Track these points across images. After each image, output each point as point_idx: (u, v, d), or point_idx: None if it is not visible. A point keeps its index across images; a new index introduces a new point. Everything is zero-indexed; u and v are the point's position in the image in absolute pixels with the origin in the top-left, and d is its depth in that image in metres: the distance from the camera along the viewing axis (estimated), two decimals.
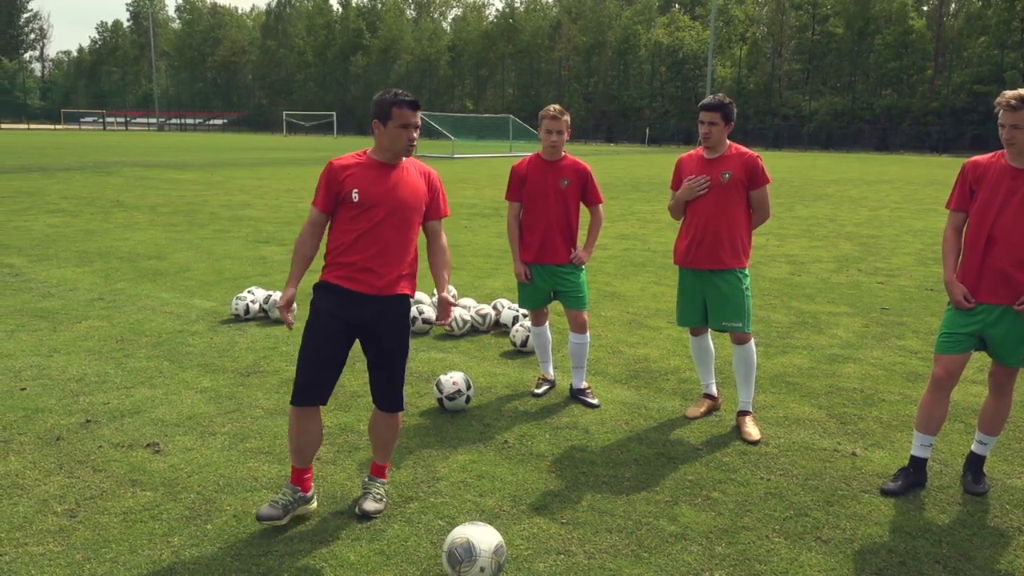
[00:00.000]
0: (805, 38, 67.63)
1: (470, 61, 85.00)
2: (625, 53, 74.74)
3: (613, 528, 3.60)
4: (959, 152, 51.84)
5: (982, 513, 3.82)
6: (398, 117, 3.47)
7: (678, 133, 67.80)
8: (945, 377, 3.91)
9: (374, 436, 3.79)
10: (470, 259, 10.50)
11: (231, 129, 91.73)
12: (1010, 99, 3.64)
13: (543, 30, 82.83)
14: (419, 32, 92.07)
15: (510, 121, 47.00)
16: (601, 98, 75.31)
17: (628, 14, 77.23)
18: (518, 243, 5.18)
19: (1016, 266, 3.74)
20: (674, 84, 72.48)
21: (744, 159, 4.66)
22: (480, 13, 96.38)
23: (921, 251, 11.69)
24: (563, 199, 5.04)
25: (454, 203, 17.38)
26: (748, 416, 4.82)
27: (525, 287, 5.24)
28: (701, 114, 4.64)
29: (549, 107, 4.99)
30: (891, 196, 21.18)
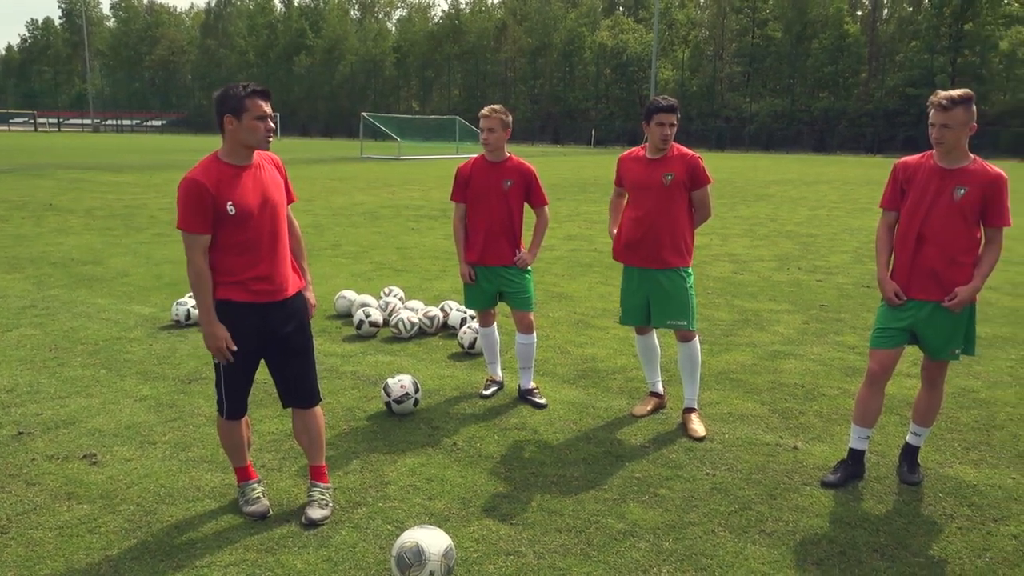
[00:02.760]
0: (745, 41, 69.01)
1: (415, 62, 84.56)
2: (570, 55, 75.24)
3: (562, 527, 3.62)
4: (892, 152, 53.50)
5: (917, 502, 3.95)
6: (253, 108, 3.32)
7: (623, 134, 68.49)
8: (880, 371, 4.04)
9: (303, 439, 3.77)
10: (417, 261, 10.45)
11: (170, 130, 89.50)
12: (942, 99, 3.77)
13: (489, 31, 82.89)
14: (363, 33, 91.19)
15: (456, 122, 46.91)
16: (547, 99, 75.70)
17: (573, 16, 77.77)
18: (463, 244, 5.18)
19: (945, 263, 3.88)
20: (619, 86, 73.23)
21: (686, 160, 4.72)
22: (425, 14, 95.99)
23: (858, 249, 12.04)
24: (506, 200, 5.05)
25: (401, 205, 17.28)
26: (694, 413, 4.90)
27: (470, 288, 5.24)
28: (661, 116, 4.61)
29: (485, 107, 5.01)
30: (829, 196, 21.76)
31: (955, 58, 56.63)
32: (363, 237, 12.46)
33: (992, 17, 56.73)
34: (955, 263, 3.87)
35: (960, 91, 3.78)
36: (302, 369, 3.65)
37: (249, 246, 3.41)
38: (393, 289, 7.64)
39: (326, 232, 12.92)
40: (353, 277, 9.23)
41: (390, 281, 8.91)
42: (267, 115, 3.38)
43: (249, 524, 3.58)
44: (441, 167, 31.39)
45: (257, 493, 3.72)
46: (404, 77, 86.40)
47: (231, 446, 3.72)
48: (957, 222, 3.84)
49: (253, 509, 3.66)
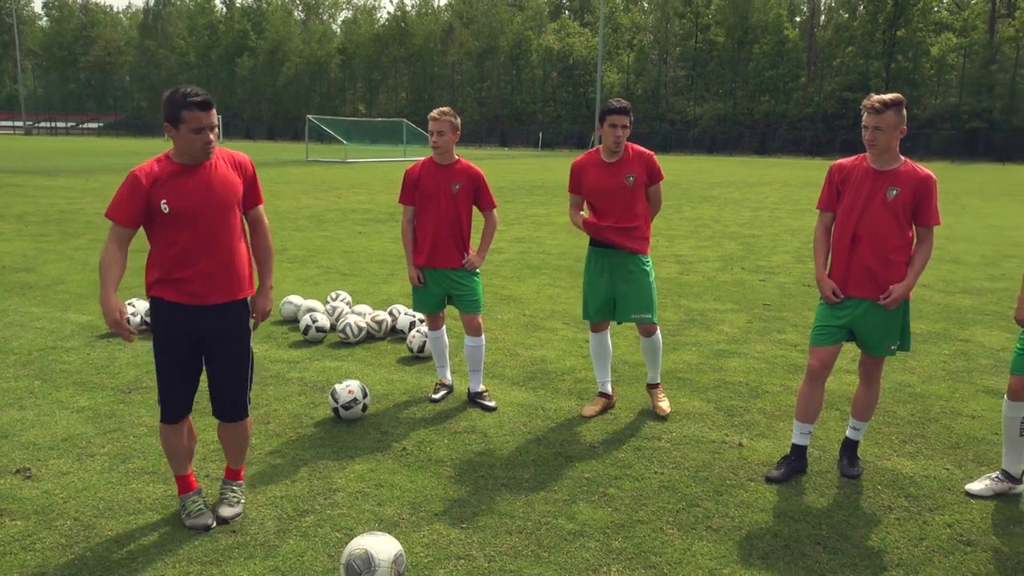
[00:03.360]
0: (689, 46, 70.17)
1: (361, 64, 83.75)
2: (517, 58, 75.46)
3: (513, 529, 3.63)
4: (831, 155, 54.96)
5: (857, 494, 4.07)
6: (189, 120, 3.24)
7: (571, 137, 68.97)
8: (819, 368, 4.14)
9: (224, 444, 3.77)
10: (365, 265, 10.35)
11: (108, 133, 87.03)
12: (875, 102, 3.89)
13: (435, 34, 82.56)
14: (308, 34, 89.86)
15: (403, 125, 46.64)
16: (494, 103, 75.79)
17: (519, 20, 78.00)
18: (411, 247, 5.17)
19: (879, 262, 4.01)
20: (565, 89, 73.74)
21: (643, 158, 4.91)
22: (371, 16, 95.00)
23: (798, 249, 12.35)
24: (454, 203, 5.04)
25: (347, 209, 17.10)
26: (658, 388, 5.25)
27: (419, 291, 5.22)
28: (613, 117, 4.71)
29: (434, 110, 5.02)
30: (770, 197, 22.26)
31: (889, 63, 58.49)
32: (309, 241, 12.30)
33: (923, 24, 58.80)
34: (889, 262, 4.00)
35: (891, 95, 3.91)
36: (228, 381, 3.58)
37: (183, 246, 3.37)
38: (340, 294, 7.55)
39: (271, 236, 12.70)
40: (299, 282, 9.10)
41: (337, 286, 8.82)
42: (205, 127, 3.28)
43: (193, 536, 3.50)
44: (388, 170, 31.17)
45: (199, 505, 3.64)
46: (350, 79, 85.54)
47: (170, 452, 3.65)
48: (890, 222, 3.97)
49: (195, 522, 3.57)
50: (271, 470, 4.18)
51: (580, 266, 10.48)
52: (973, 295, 9.14)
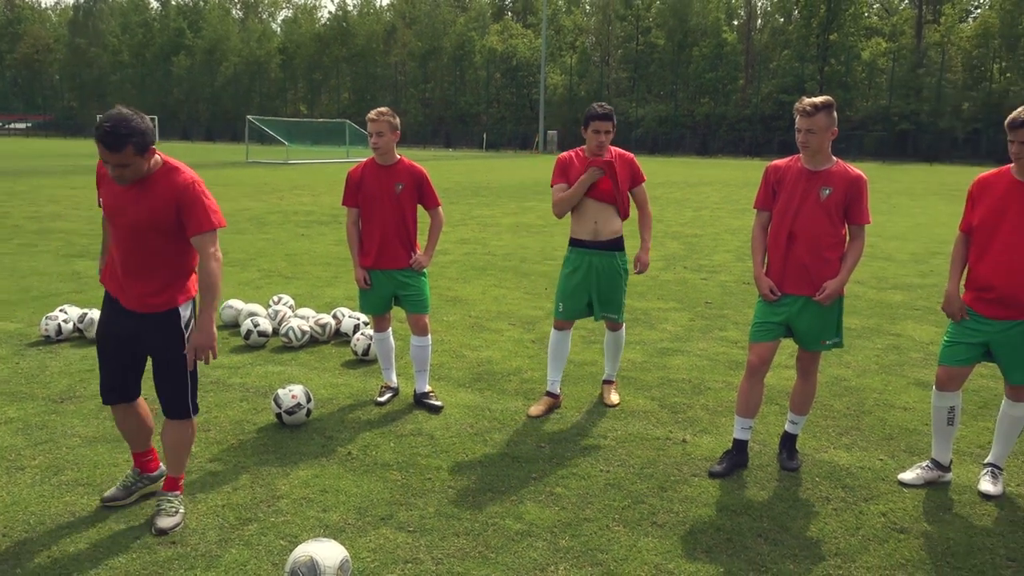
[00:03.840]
0: (630, 48, 71.04)
1: (302, 64, 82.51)
2: (461, 59, 75.37)
3: (460, 531, 3.62)
4: (769, 155, 56.30)
5: (796, 487, 4.17)
6: (100, 152, 3.19)
7: (515, 138, 69.18)
8: (758, 364, 4.24)
9: (164, 443, 3.73)
10: (308, 268, 10.21)
11: (37, 134, 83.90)
12: (806, 105, 4.01)
13: (378, 34, 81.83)
14: (247, 33, 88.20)
15: (346, 126, 46.12)
16: (438, 104, 75.57)
17: (462, 20, 77.91)
18: (357, 248, 5.14)
19: (814, 260, 4.12)
20: (509, 90, 73.94)
21: (625, 160, 5.06)
22: (311, 15, 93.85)
23: (739, 248, 12.61)
24: (399, 203, 5.03)
25: (289, 211, 16.84)
26: (612, 385, 5.46)
27: (365, 292, 5.19)
28: (597, 123, 4.86)
29: (372, 111, 5.01)
30: (711, 197, 22.69)
31: (823, 67, 60.21)
32: (250, 244, 12.07)
33: (854, 28, 60.70)
34: (823, 259, 4.12)
35: (822, 98, 4.03)
36: (164, 381, 3.62)
37: (114, 246, 3.53)
38: (283, 297, 7.43)
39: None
40: (240, 286, 8.93)
41: (279, 289, 8.68)
42: (109, 163, 3.23)
43: (130, 549, 3.40)
44: (331, 172, 30.80)
45: (131, 480, 3.82)
46: (291, 79, 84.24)
47: (121, 432, 3.81)
48: (823, 220, 4.09)
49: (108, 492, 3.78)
50: (212, 478, 4.09)
51: (526, 267, 10.54)
52: (903, 291, 9.46)
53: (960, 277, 4.14)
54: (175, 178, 3.39)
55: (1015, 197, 3.88)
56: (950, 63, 57.95)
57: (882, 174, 36.32)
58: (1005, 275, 3.88)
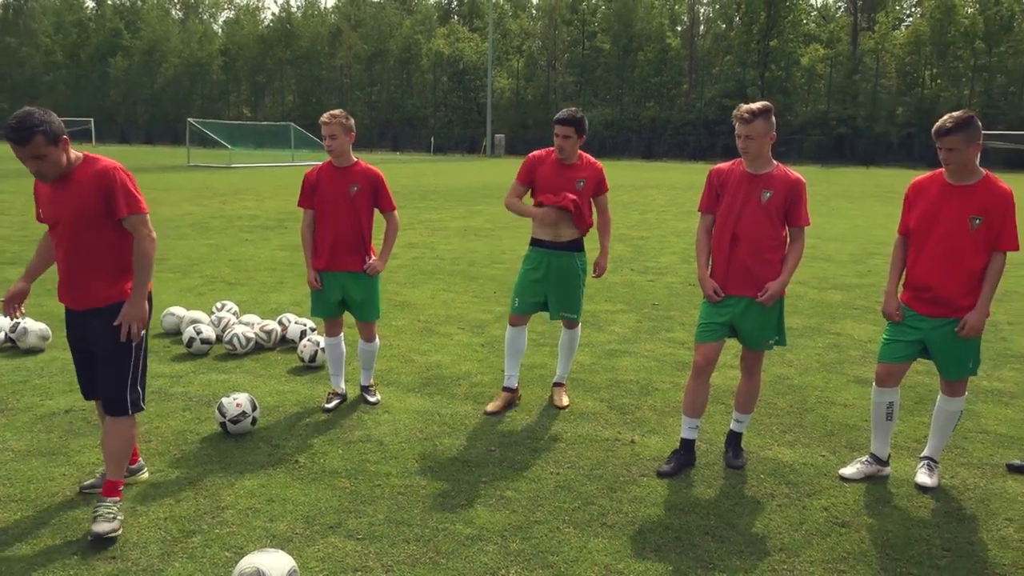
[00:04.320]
0: (576, 52, 71.59)
1: (245, 66, 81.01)
2: (407, 62, 74.97)
3: (410, 538, 3.59)
4: (712, 159, 57.30)
5: (742, 484, 4.25)
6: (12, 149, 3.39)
7: (463, 142, 69.10)
8: (704, 364, 4.31)
9: (104, 446, 3.69)
10: (252, 274, 10.03)
11: None
12: (744, 112, 4.10)
13: (323, 36, 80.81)
14: (187, 34, 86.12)
15: (291, 129, 45.49)
16: (385, 107, 75.03)
17: (408, 23, 77.50)
18: (311, 250, 5.13)
19: (756, 261, 4.21)
20: (456, 94, 73.84)
21: (594, 169, 5.20)
22: (254, 16, 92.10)
23: (684, 250, 12.81)
24: (353, 206, 5.03)
25: (233, 215, 16.52)
26: (562, 387, 5.47)
27: (317, 295, 5.18)
28: (557, 127, 5.02)
29: (325, 114, 5.03)
30: (657, 200, 23.00)
31: (764, 72, 61.59)
32: (192, 250, 11.80)
33: (794, 35, 62.27)
34: (765, 261, 4.21)
35: (759, 104, 4.13)
36: (112, 379, 3.63)
37: (57, 251, 3.61)
38: (226, 304, 7.28)
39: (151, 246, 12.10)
40: (182, 292, 8.72)
41: (223, 295, 8.50)
42: (23, 159, 3.38)
43: (69, 565, 3.29)
44: (276, 175, 30.33)
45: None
46: (233, 82, 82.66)
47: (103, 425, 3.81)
48: (765, 223, 4.19)
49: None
50: (153, 490, 3.98)
51: (475, 271, 10.53)
52: (843, 291, 9.73)
53: (899, 278, 4.28)
54: (96, 167, 3.54)
55: (947, 200, 4.02)
56: (884, 69, 59.84)
57: (821, 177, 37.29)
58: (939, 275, 4.02)
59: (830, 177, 38.30)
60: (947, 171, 4.04)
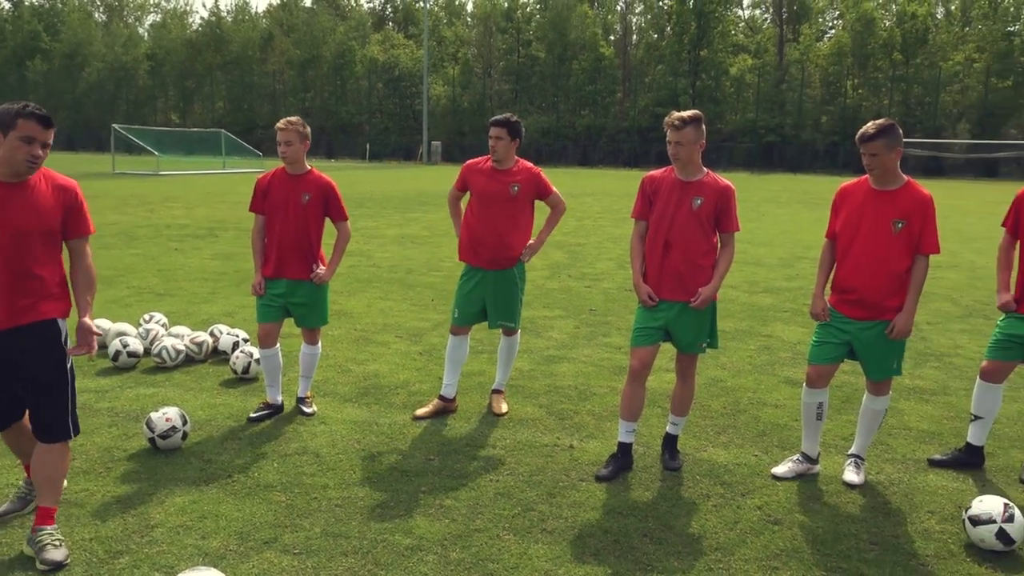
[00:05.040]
0: (512, 60, 71.94)
1: (173, 72, 78.87)
2: (341, 68, 74.08)
3: (348, 551, 3.54)
4: (647, 166, 58.22)
5: (678, 486, 4.32)
6: (22, 128, 3.20)
7: (399, 149, 68.64)
8: (640, 368, 4.37)
9: (36, 472, 3.48)
10: (182, 284, 9.75)
11: None
12: (674, 120, 4.19)
13: (254, 42, 79.25)
14: (111, 38, 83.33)
15: (222, 136, 44.47)
16: (319, 113, 73.86)
17: (342, 29, 76.63)
18: (260, 255, 5.10)
19: (689, 267, 4.30)
20: (392, 101, 73.35)
21: (531, 173, 5.17)
22: (182, 20, 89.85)
23: (620, 256, 12.98)
24: (303, 214, 5.01)
25: (161, 224, 16.06)
26: (501, 394, 5.49)
27: (261, 300, 5.12)
28: (490, 129, 5.06)
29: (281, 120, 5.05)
30: (593, 207, 23.27)
31: (695, 81, 62.96)
32: (117, 260, 11.42)
33: (723, 45, 63.89)
34: (697, 266, 4.30)
35: (689, 112, 4.22)
36: (50, 402, 3.42)
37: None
38: (155, 315, 7.07)
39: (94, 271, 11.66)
40: (107, 304, 8.42)
41: (151, 307, 8.24)
42: (37, 140, 3.20)
43: None
44: (207, 183, 29.62)
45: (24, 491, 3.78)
46: (160, 87, 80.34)
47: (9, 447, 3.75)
48: (696, 229, 4.27)
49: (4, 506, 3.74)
50: (78, 511, 3.83)
51: (412, 278, 10.46)
52: (773, 294, 9.99)
53: (826, 281, 4.42)
54: (62, 180, 3.43)
55: (872, 205, 4.17)
56: (809, 79, 61.84)
57: (751, 184, 38.29)
58: (864, 278, 4.17)
59: (759, 183, 39.36)
60: (871, 176, 4.19)
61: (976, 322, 8.56)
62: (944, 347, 7.45)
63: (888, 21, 60.86)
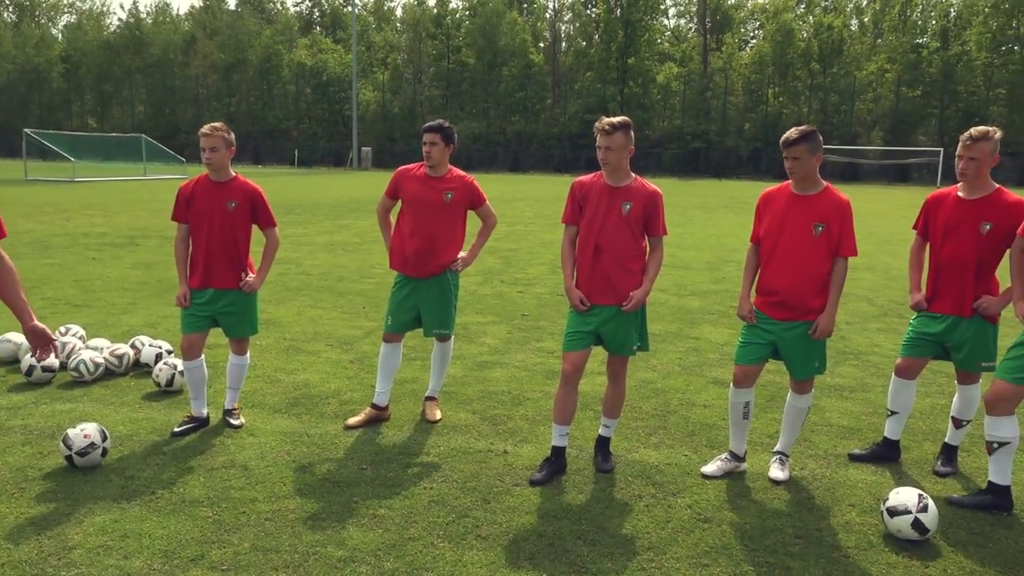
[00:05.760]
0: (442, 66, 71.84)
1: (90, 74, 76.03)
2: (268, 73, 72.68)
3: (279, 565, 3.46)
4: (577, 171, 58.82)
5: (611, 487, 4.37)
6: None
7: (328, 155, 67.72)
8: (572, 371, 4.41)
9: None
10: (101, 295, 9.39)
11: None
12: (604, 125, 4.25)
13: (175, 44, 77.06)
14: (22, 39, 79.81)
15: (142, 141, 43.08)
16: (245, 118, 72.28)
17: (268, 33, 75.15)
18: (184, 265, 4.98)
19: (619, 271, 4.36)
20: (320, 106, 72.36)
21: (464, 182, 5.17)
22: (99, 22, 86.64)
23: (552, 261, 13.08)
24: (230, 221, 4.91)
25: (78, 233, 15.44)
26: (434, 401, 5.47)
27: (187, 311, 4.98)
28: (424, 135, 5.03)
29: (205, 126, 4.93)
30: (525, 212, 23.40)
31: (623, 88, 64.05)
32: (31, 270, 10.92)
33: (649, 54, 65.22)
34: (627, 270, 4.37)
35: (619, 118, 4.29)
36: None
37: None
38: (71, 327, 6.78)
39: None
40: None
41: (67, 319, 7.90)
42: None
43: None
44: (127, 190, 28.62)
45: None
46: (76, 90, 77.40)
47: None
48: (626, 234, 4.34)
49: None
50: None
51: (343, 286, 10.32)
52: (700, 297, 10.22)
53: (751, 284, 4.54)
54: None
55: (794, 209, 4.31)
56: (732, 87, 63.64)
57: (678, 189, 39.12)
58: (787, 280, 4.30)
59: (686, 189, 40.24)
60: (792, 180, 4.33)
61: (891, 321, 8.93)
62: (862, 346, 7.75)
63: (806, 32, 63.14)
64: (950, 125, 54.40)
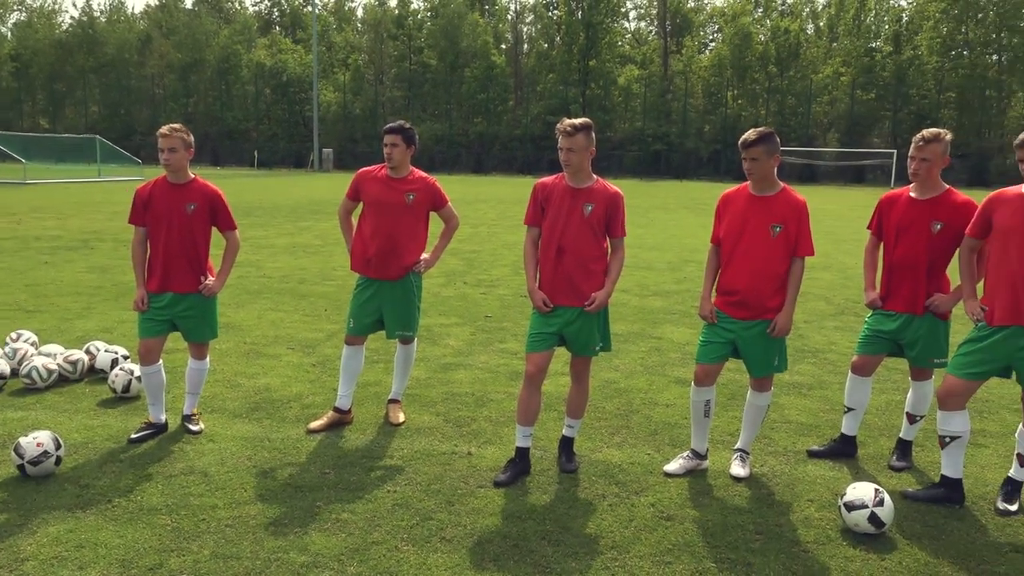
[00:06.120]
0: (404, 67, 71.49)
1: (41, 74, 74.16)
2: (226, 73, 71.64)
3: (240, 572, 3.41)
4: (539, 173, 59.05)
5: (575, 487, 4.38)
6: None
7: (288, 156, 66.98)
8: (535, 372, 4.42)
9: None
10: (54, 299, 9.17)
11: None
12: (567, 126, 4.27)
13: (131, 44, 75.51)
14: None
15: (96, 142, 42.16)
16: (203, 119, 71.16)
17: (227, 33, 74.08)
18: (142, 269, 4.90)
19: (581, 272, 4.38)
20: (280, 107, 71.54)
21: (426, 183, 5.16)
22: (50, 20, 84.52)
23: (515, 262, 13.09)
24: (189, 224, 4.84)
25: (30, 236, 15.06)
26: (398, 403, 5.46)
27: (144, 315, 4.89)
28: (384, 136, 5.02)
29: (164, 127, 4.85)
30: (488, 214, 23.40)
31: (584, 90, 64.40)
32: None
33: (611, 56, 65.68)
34: (589, 271, 4.39)
35: (580, 120, 4.32)
36: None
37: None
38: (23, 333, 6.62)
39: None
40: None
41: (19, 324, 7.71)
42: None
43: None
44: (80, 192, 27.99)
45: None
46: (27, 90, 75.44)
47: None
48: (588, 235, 4.37)
49: None
50: None
51: (304, 288, 10.21)
52: (662, 297, 10.32)
53: (712, 284, 4.60)
54: None
55: (753, 210, 4.38)
56: (692, 90, 64.35)
57: (640, 190, 39.44)
58: (746, 279, 4.36)
59: (648, 190, 40.58)
60: (751, 181, 4.40)
61: (848, 319, 9.10)
62: (819, 344, 7.89)
63: (764, 36, 64.12)
64: (903, 127, 55.74)
